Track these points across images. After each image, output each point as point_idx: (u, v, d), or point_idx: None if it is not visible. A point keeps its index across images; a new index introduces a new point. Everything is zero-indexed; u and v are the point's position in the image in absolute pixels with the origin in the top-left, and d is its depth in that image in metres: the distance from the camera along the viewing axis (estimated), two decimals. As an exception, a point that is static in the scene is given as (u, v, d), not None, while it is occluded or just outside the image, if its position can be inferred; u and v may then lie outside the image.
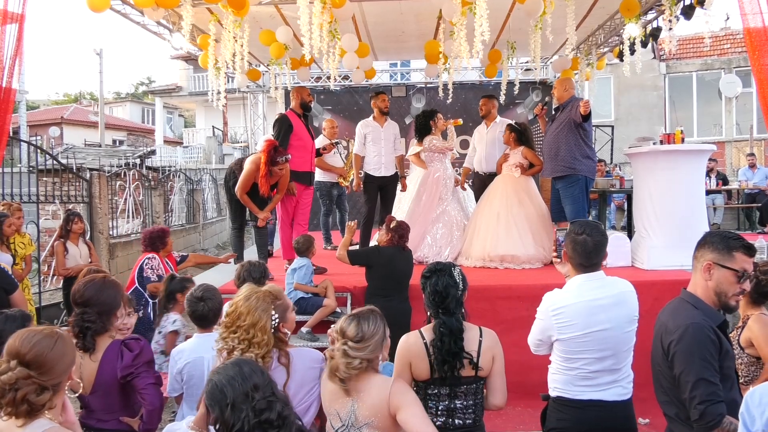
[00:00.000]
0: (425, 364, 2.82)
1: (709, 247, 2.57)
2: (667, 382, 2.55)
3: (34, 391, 1.98)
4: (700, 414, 2.34)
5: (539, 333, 2.94)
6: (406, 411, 2.42)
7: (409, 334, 2.95)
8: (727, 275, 2.52)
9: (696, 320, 2.46)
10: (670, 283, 5.27)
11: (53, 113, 32.91)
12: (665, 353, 2.51)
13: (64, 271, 6.62)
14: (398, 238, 5.11)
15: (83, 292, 3.01)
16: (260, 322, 2.67)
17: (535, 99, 11.46)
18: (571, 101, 6.51)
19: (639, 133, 13.62)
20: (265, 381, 2.04)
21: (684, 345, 2.43)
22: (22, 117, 20.12)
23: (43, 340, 2.06)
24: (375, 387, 2.49)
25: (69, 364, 2.11)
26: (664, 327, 2.57)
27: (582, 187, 6.40)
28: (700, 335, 2.43)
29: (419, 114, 7.44)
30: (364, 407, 2.47)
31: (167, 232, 5.75)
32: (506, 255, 6.59)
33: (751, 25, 4.88)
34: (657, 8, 7.18)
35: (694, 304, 2.55)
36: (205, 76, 9.96)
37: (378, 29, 8.68)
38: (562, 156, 6.44)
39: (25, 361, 2.01)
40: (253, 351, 2.65)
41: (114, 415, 2.99)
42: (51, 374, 2.03)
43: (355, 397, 2.49)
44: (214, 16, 6.92)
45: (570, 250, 2.91)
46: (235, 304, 2.72)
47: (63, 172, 9.83)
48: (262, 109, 11.88)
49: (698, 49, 19.76)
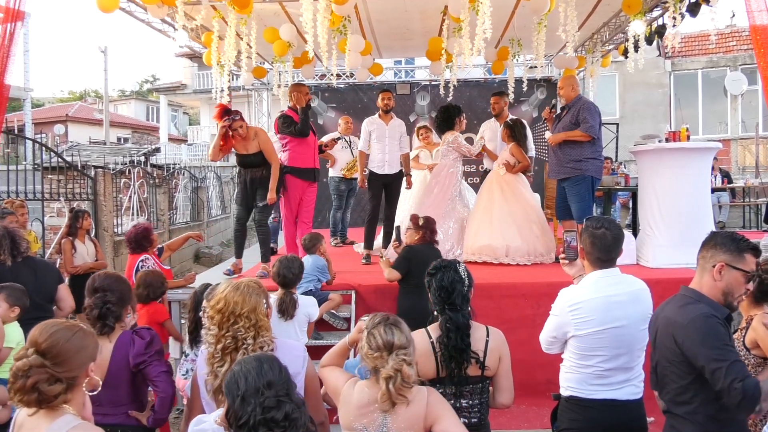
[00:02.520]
0: (431, 363, 2.81)
1: (721, 248, 2.57)
2: (678, 377, 2.54)
3: (46, 380, 1.98)
4: (741, 392, 2.31)
5: (554, 330, 2.93)
6: (445, 422, 2.37)
7: (415, 332, 2.91)
8: (737, 276, 2.54)
9: (705, 311, 2.48)
10: (675, 281, 5.19)
11: (58, 111, 32.96)
12: (678, 348, 2.50)
13: (72, 269, 6.62)
14: (430, 233, 5.08)
15: (103, 279, 3.15)
16: (259, 306, 2.65)
17: (540, 97, 11.43)
18: (577, 101, 6.44)
19: (644, 130, 13.55)
20: (282, 380, 2.03)
21: (701, 336, 2.43)
22: (27, 114, 20.11)
23: (60, 331, 2.07)
24: (412, 397, 2.39)
25: (86, 358, 2.10)
26: (671, 322, 2.56)
27: (588, 186, 6.35)
28: (713, 324, 2.45)
29: (444, 106, 7.33)
30: (398, 419, 2.37)
31: (150, 228, 5.70)
32: (484, 246, 6.61)
33: (758, 22, 4.85)
34: (662, 5, 7.15)
35: (698, 299, 2.56)
36: (210, 73, 9.97)
37: (382, 27, 8.67)
38: (567, 157, 6.38)
39: (41, 350, 2.02)
40: (263, 336, 2.62)
41: (120, 409, 3.01)
42: (65, 366, 2.02)
43: (386, 408, 2.37)
44: (218, 13, 6.92)
45: (588, 245, 2.90)
46: (222, 299, 2.63)
47: (68, 170, 9.86)
48: (266, 106, 11.87)
49: (704, 46, 19.70)
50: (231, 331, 2.59)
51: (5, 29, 4.98)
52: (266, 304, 2.75)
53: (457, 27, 6.67)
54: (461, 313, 2.85)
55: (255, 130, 6.17)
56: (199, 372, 2.77)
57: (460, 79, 10.17)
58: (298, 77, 10.26)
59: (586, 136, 6.24)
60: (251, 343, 2.59)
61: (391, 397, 2.33)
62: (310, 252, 5.48)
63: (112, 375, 2.94)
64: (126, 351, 2.97)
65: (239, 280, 2.75)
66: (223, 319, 2.61)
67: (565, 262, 3.15)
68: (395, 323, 2.47)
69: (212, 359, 2.62)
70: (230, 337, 2.59)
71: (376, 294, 5.56)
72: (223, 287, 2.70)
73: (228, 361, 2.58)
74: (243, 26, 6.79)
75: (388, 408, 2.36)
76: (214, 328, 2.62)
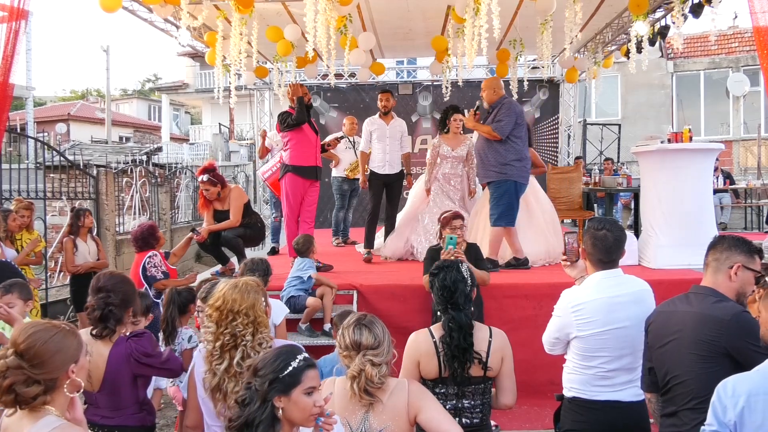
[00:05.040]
0: (434, 363, 2.81)
1: (736, 250, 2.64)
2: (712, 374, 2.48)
3: (23, 382, 1.95)
4: None
5: (556, 331, 2.93)
6: (429, 411, 2.40)
7: (418, 332, 2.93)
8: (750, 276, 2.61)
9: (740, 309, 2.54)
10: (677, 282, 5.24)
11: (60, 110, 32.97)
12: (716, 342, 2.49)
13: (73, 268, 6.62)
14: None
15: (107, 279, 3.09)
16: (257, 303, 2.66)
17: (542, 97, 11.45)
18: (499, 103, 6.21)
19: (646, 131, 13.57)
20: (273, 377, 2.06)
21: (746, 331, 2.46)
22: (29, 113, 20.12)
23: (39, 332, 2.03)
24: (391, 391, 2.44)
25: (66, 360, 2.04)
26: (707, 317, 2.54)
27: (511, 190, 6.11)
28: (753, 320, 2.50)
29: (447, 107, 7.21)
30: (380, 413, 2.40)
31: (155, 227, 5.72)
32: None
33: (761, 23, 4.84)
34: (665, 6, 7.15)
35: (723, 299, 2.59)
36: (212, 73, 10.01)
37: (384, 27, 8.67)
38: (492, 161, 6.17)
39: (19, 350, 1.99)
40: (262, 332, 2.63)
41: (120, 412, 3.00)
42: (43, 368, 1.98)
43: (366, 403, 2.42)
44: (222, 12, 6.92)
45: (589, 246, 2.90)
46: (221, 297, 2.64)
47: (70, 169, 9.88)
48: (268, 106, 11.87)
49: (706, 47, 19.68)
50: (230, 329, 2.60)
51: (9, 28, 4.99)
52: (264, 303, 2.75)
53: (461, 27, 6.67)
54: (464, 313, 2.85)
55: (230, 189, 6.44)
56: (196, 370, 2.78)
57: (463, 79, 10.18)
58: (300, 77, 10.27)
59: (493, 134, 6.06)
60: (250, 339, 2.60)
61: (357, 396, 2.37)
62: (302, 255, 5.35)
63: (110, 379, 2.93)
64: (125, 354, 2.96)
65: (237, 278, 2.76)
66: (221, 316, 2.62)
67: (566, 264, 3.15)
68: (368, 324, 2.49)
69: (211, 357, 2.63)
70: (229, 334, 2.60)
71: (378, 294, 5.54)
72: (222, 286, 2.71)
73: (227, 358, 2.59)
74: (243, 26, 6.80)
75: (366, 403, 2.39)
76: (213, 325, 2.63)
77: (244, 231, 6.30)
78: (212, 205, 6.33)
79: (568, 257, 3.13)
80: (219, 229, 6.21)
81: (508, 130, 6.05)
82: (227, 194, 6.33)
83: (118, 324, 3.01)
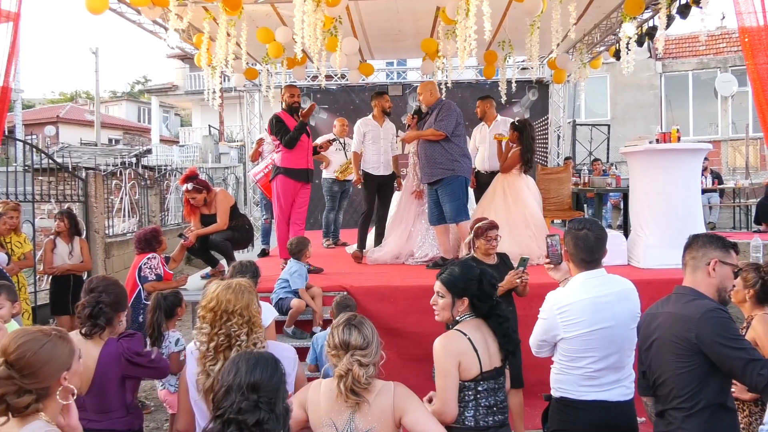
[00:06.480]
0: (475, 361, 2.75)
1: (711, 246, 2.68)
2: (686, 370, 2.56)
3: (14, 392, 1.91)
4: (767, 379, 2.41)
5: (543, 333, 2.92)
6: (414, 413, 2.40)
7: (448, 334, 2.83)
8: (728, 271, 2.66)
9: (712, 306, 2.57)
10: (666, 282, 5.25)
11: (49, 112, 32.78)
12: (690, 340, 2.53)
13: (49, 269, 6.57)
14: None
15: (100, 281, 3.14)
16: (251, 303, 2.66)
17: (531, 98, 11.49)
18: (437, 105, 6.39)
19: (635, 132, 13.63)
20: (271, 386, 2.04)
21: (715, 328, 2.50)
22: (18, 116, 20.04)
23: (29, 342, 1.99)
24: (377, 392, 2.43)
25: (57, 368, 2.01)
26: (679, 317, 2.60)
27: (462, 185, 6.28)
28: (724, 317, 2.55)
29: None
30: (366, 414, 2.39)
31: (158, 230, 5.72)
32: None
33: (747, 24, 4.87)
34: (653, 7, 7.19)
35: (699, 296, 2.62)
36: (202, 75, 9.96)
37: (374, 28, 8.67)
38: (438, 160, 6.25)
39: (9, 361, 1.95)
40: (257, 332, 2.63)
41: (107, 416, 2.99)
42: (34, 377, 1.95)
43: (352, 404, 2.41)
44: (209, 14, 6.90)
45: (571, 246, 2.90)
46: (214, 297, 2.63)
47: (59, 171, 9.81)
48: (258, 107, 11.85)
49: (694, 48, 19.81)
50: (224, 329, 2.60)
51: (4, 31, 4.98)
52: (257, 304, 2.75)
53: (450, 29, 6.68)
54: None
55: (215, 193, 6.37)
56: (188, 371, 2.76)
57: (453, 80, 10.19)
58: (289, 78, 10.25)
59: (438, 133, 6.21)
60: (245, 339, 2.60)
61: (343, 395, 2.37)
62: (296, 257, 5.36)
63: (98, 382, 2.93)
64: (116, 354, 2.96)
65: (230, 279, 2.75)
66: (215, 317, 2.61)
67: (549, 267, 3.13)
68: (357, 324, 2.49)
69: (204, 358, 2.62)
70: (223, 335, 2.59)
71: (369, 295, 5.54)
72: (215, 287, 2.70)
73: (221, 359, 2.58)
74: (232, 27, 6.78)
75: (353, 404, 2.39)
76: (207, 326, 2.62)
77: (231, 234, 6.24)
78: (199, 210, 6.28)
79: (551, 260, 3.12)
80: (206, 233, 6.13)
81: (451, 127, 6.23)
82: (213, 198, 6.30)
83: (108, 324, 3.02)
